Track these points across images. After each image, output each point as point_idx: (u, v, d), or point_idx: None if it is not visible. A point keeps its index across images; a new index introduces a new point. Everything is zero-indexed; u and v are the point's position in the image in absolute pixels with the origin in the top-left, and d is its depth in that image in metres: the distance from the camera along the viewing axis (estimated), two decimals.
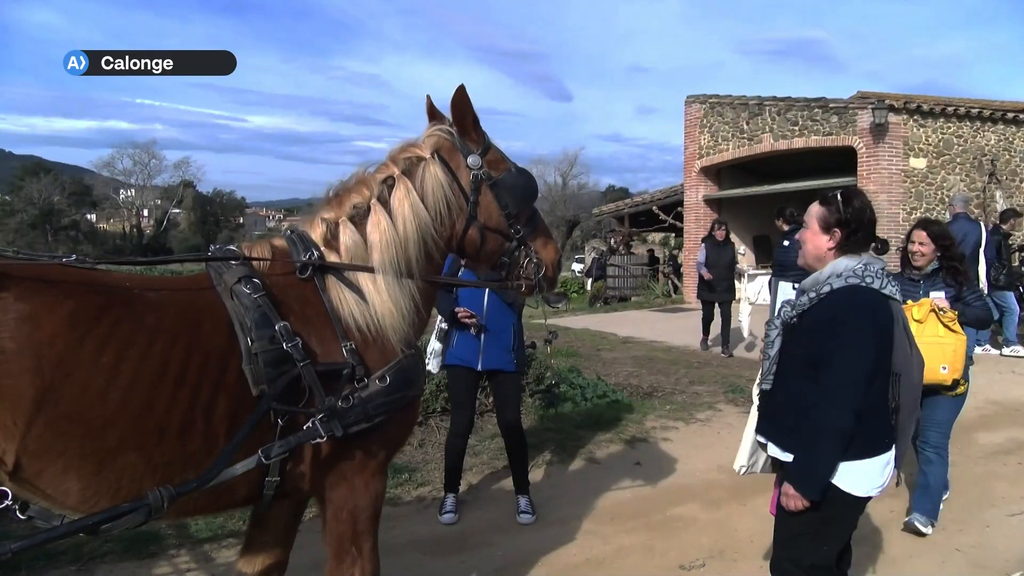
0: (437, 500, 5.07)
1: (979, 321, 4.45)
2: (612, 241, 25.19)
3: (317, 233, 2.48)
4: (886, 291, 2.54)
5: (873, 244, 2.68)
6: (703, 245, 11.08)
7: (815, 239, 2.68)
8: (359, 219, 2.47)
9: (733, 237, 12.15)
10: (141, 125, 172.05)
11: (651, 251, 27.98)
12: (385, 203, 2.48)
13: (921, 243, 4.41)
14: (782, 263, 9.21)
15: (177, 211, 68.85)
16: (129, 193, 66.73)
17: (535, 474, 5.63)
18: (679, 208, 20.12)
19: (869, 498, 2.59)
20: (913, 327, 3.42)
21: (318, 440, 2.24)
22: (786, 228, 9.51)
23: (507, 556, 4.23)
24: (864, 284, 2.52)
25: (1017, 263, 12.76)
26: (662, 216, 22.28)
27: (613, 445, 6.40)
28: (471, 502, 5.09)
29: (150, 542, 4.22)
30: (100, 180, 66.27)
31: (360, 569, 2.50)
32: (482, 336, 4.70)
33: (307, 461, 2.37)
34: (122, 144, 79.20)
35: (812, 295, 2.62)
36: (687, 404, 7.82)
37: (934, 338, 4.12)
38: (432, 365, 4.80)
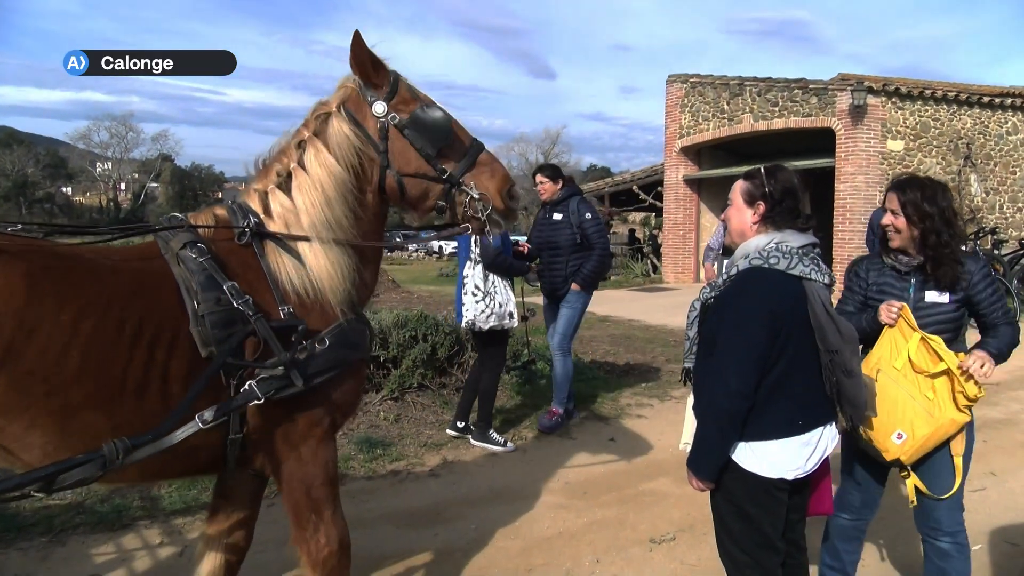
0: (412, 474, 5.11)
1: (1010, 349, 2.97)
2: None
3: (253, 203, 2.50)
4: (795, 271, 2.45)
5: (799, 219, 2.59)
6: (720, 225, 7.32)
7: (739, 214, 2.63)
8: (285, 185, 2.48)
9: (709, 220, 11.46)
10: (117, 97, 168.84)
11: (632, 231, 28.04)
12: (303, 166, 2.48)
13: (893, 211, 3.01)
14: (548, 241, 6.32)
15: (155, 185, 67.99)
16: (106, 166, 65.75)
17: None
18: (659, 188, 20.16)
19: (792, 480, 2.51)
20: (893, 375, 2.88)
21: (256, 402, 2.22)
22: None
23: (480, 529, 4.27)
24: (767, 265, 2.47)
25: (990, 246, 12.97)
26: (642, 196, 22.32)
27: (588, 421, 6.46)
28: (445, 476, 5.13)
29: (122, 514, 4.23)
30: (76, 152, 65.23)
31: (325, 535, 2.50)
32: None
33: (256, 429, 2.36)
34: (98, 116, 77.86)
35: (726, 276, 2.61)
36: (662, 382, 7.89)
37: (917, 398, 2.86)
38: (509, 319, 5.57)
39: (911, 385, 2.88)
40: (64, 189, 66.03)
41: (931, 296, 2.97)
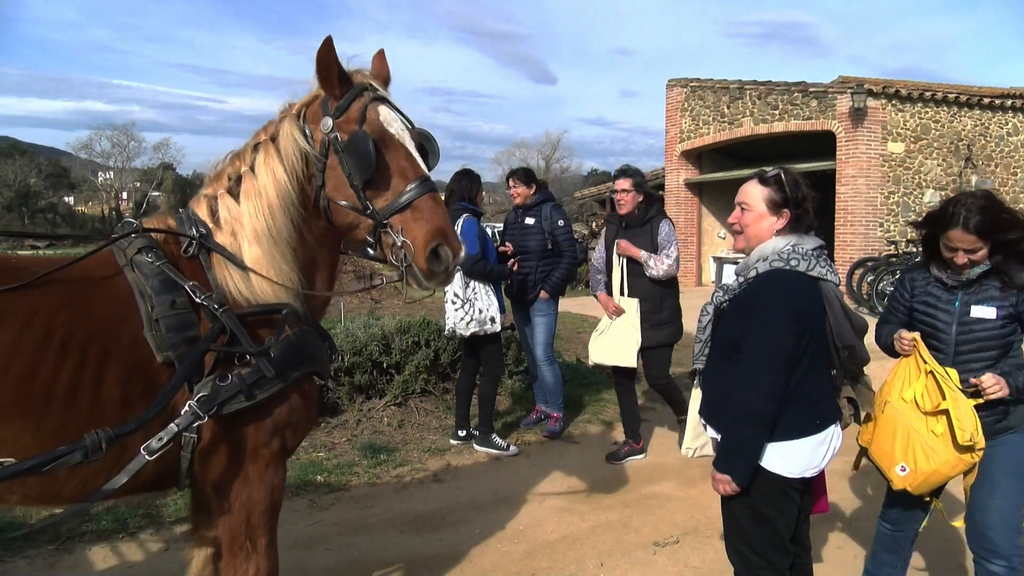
0: (416, 479, 5.13)
1: None
2: (594, 224, 25.22)
3: (201, 210, 2.41)
4: (814, 272, 2.49)
5: (810, 222, 2.63)
6: (602, 243, 5.85)
7: (760, 221, 2.62)
8: (235, 190, 2.39)
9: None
10: (119, 106, 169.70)
11: None
12: (253, 170, 2.39)
13: (968, 250, 2.78)
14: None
15: (156, 194, 67.91)
16: (108, 175, 65.88)
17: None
18: (660, 192, 20.17)
19: (806, 478, 2.58)
20: (900, 407, 2.87)
21: (199, 422, 2.13)
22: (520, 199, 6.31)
23: (484, 533, 4.28)
24: (788, 267, 2.50)
25: None
26: None
27: (591, 426, 6.47)
28: (449, 480, 5.14)
29: (126, 523, 4.25)
30: (78, 162, 65.37)
31: (255, 565, 2.37)
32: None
33: (205, 445, 2.27)
34: (100, 126, 78.00)
35: (741, 279, 2.63)
36: None
37: (922, 432, 2.79)
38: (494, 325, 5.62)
39: (916, 419, 2.82)
40: (66, 199, 66.09)
41: (977, 311, 2.83)
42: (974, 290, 2.85)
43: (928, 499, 3.01)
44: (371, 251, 2.42)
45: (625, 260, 5.40)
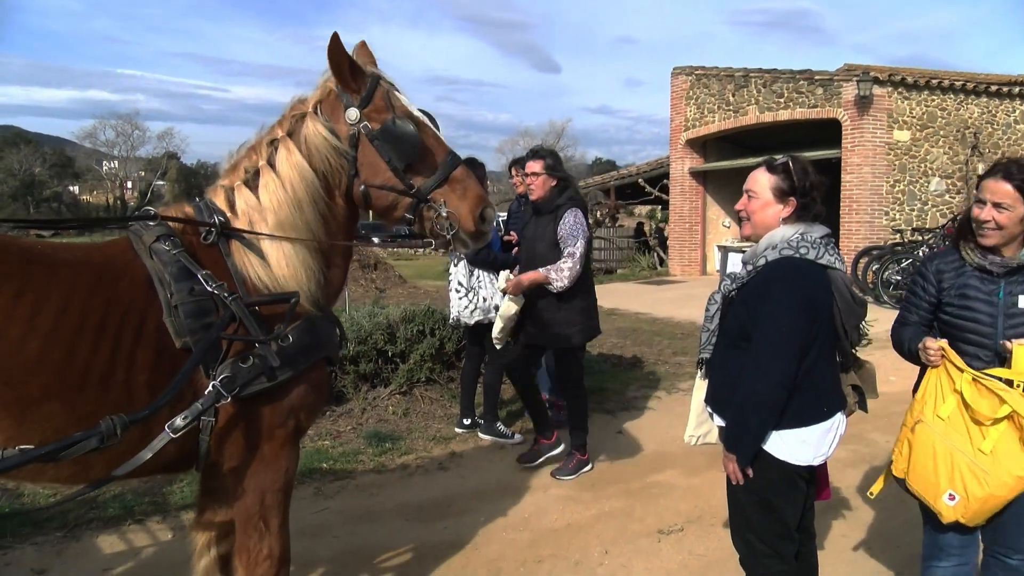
0: (421, 468, 5.15)
1: None
2: (598, 213, 25.20)
3: (219, 200, 2.48)
4: (822, 260, 2.49)
5: (817, 210, 2.62)
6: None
7: (767, 209, 2.61)
8: (252, 183, 2.46)
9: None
10: (123, 96, 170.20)
11: (640, 224, 28.01)
12: (273, 165, 2.46)
13: (999, 203, 2.50)
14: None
15: (161, 183, 68.11)
16: (112, 164, 66.04)
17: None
18: (665, 181, 20.12)
19: (813, 467, 2.59)
20: (937, 426, 2.60)
21: (222, 402, 2.20)
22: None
23: (489, 521, 4.30)
24: (798, 255, 2.49)
25: None
26: (648, 189, 22.28)
27: (595, 414, 6.45)
28: (454, 468, 5.17)
29: (133, 510, 4.28)
30: (82, 151, 65.51)
31: (268, 546, 2.44)
32: None
33: (222, 426, 2.33)
34: (104, 115, 78.27)
35: (749, 267, 2.62)
36: (669, 374, 7.90)
37: (967, 453, 2.51)
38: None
39: (959, 437, 2.53)
40: (71, 188, 66.23)
41: None
42: (1019, 278, 2.56)
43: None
44: (408, 227, 2.59)
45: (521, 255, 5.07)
